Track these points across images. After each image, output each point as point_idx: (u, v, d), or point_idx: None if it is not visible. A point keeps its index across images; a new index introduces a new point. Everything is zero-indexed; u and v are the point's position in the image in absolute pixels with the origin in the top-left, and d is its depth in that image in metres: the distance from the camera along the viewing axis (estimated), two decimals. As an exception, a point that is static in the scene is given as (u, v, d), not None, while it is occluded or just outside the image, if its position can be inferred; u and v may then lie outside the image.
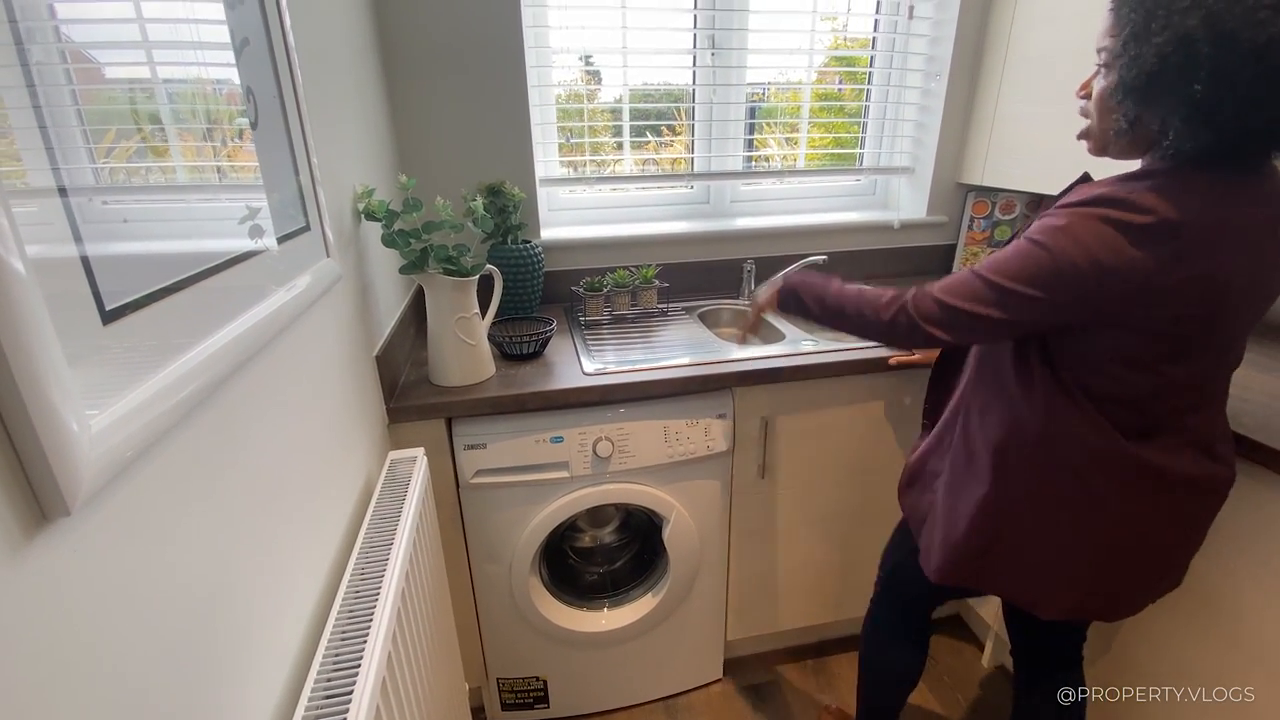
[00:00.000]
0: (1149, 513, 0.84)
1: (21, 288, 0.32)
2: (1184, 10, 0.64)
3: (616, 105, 1.71)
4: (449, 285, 1.13)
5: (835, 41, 1.86)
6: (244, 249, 0.60)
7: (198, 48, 0.56)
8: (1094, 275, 0.71)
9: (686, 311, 1.65)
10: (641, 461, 1.25)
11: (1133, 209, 0.69)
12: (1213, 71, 0.63)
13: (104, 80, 0.44)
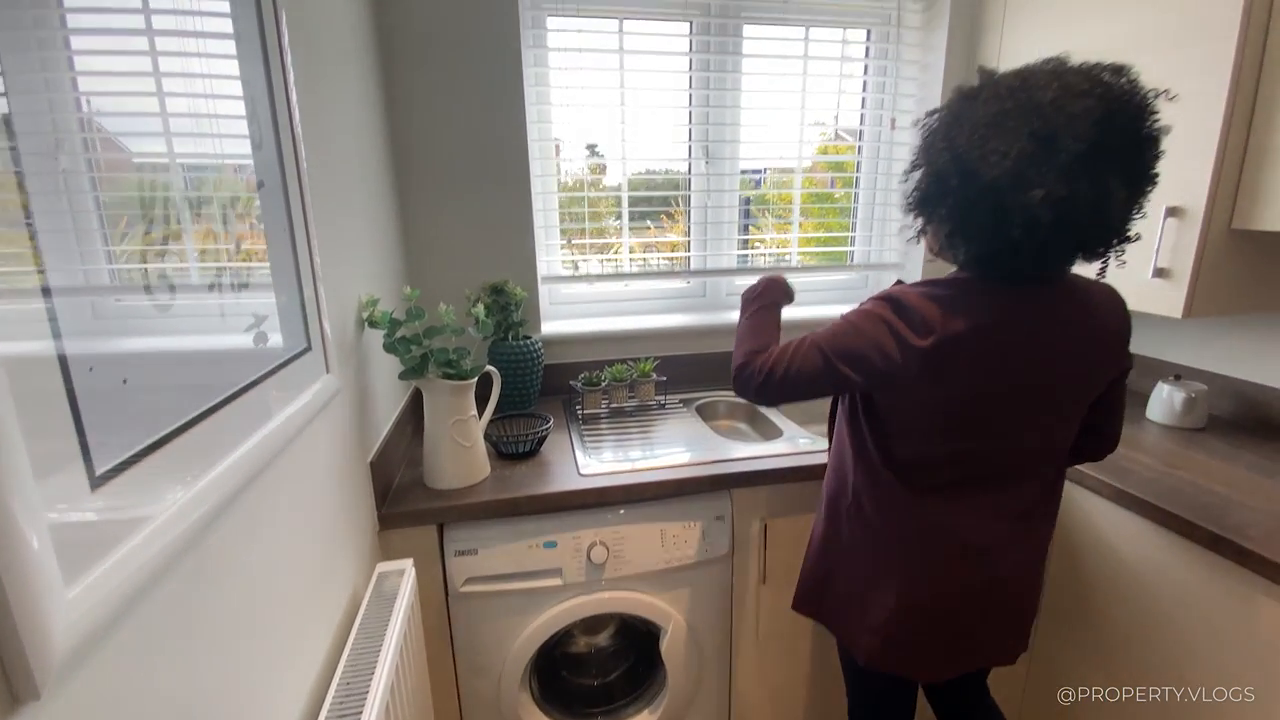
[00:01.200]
0: (946, 575, 0.91)
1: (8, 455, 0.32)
2: (940, 150, 0.80)
3: (616, 193, 1.78)
4: (447, 389, 1.14)
5: (823, 147, 1.97)
6: (244, 383, 0.60)
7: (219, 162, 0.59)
8: (874, 360, 0.85)
9: (684, 404, 1.66)
10: (637, 567, 1.22)
11: (908, 314, 0.83)
12: (959, 199, 0.79)
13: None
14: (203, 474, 0.52)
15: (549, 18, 1.60)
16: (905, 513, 0.92)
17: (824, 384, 0.92)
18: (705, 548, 1.25)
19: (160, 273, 0.50)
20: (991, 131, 0.75)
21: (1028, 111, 0.73)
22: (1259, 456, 1.28)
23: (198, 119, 0.57)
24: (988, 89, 0.79)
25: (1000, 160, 0.73)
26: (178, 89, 0.54)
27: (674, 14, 1.66)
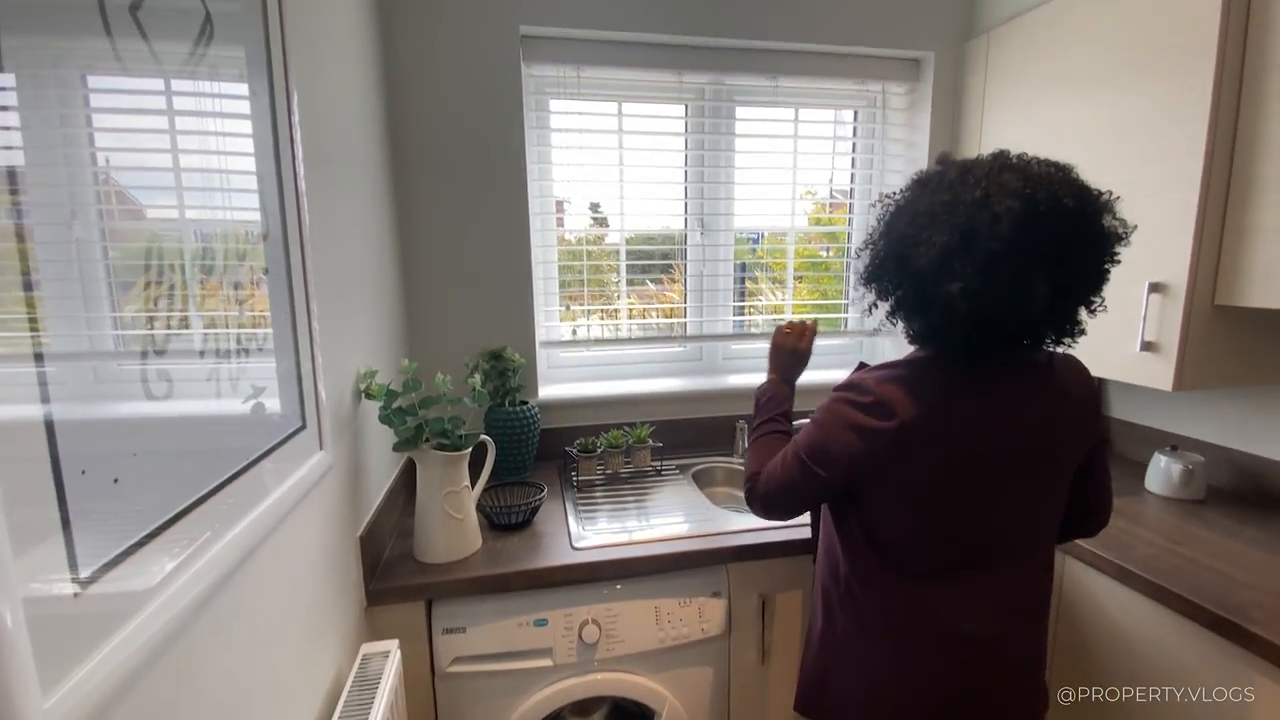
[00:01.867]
0: (943, 669, 0.87)
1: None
2: (882, 234, 0.86)
3: (614, 246, 1.82)
4: (440, 460, 1.14)
5: (814, 216, 2.03)
6: (235, 469, 0.61)
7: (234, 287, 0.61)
8: (840, 454, 0.86)
9: (680, 470, 1.65)
10: (631, 647, 1.18)
11: (867, 400, 0.83)
12: (894, 282, 0.84)
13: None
14: (188, 566, 0.52)
15: (551, 100, 1.69)
16: (898, 603, 0.89)
17: (808, 490, 0.93)
18: (701, 626, 1.21)
19: (165, 338, 0.51)
20: (927, 221, 0.79)
21: (958, 206, 0.76)
22: (1260, 531, 1.26)
23: (209, 192, 0.59)
24: (934, 179, 0.83)
25: (928, 250, 0.77)
26: (195, 163, 0.57)
27: (670, 97, 1.75)
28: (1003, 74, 1.63)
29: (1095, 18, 1.37)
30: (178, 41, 0.54)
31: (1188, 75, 1.19)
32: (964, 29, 1.77)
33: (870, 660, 0.92)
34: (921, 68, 1.81)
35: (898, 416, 0.81)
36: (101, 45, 0.45)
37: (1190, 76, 1.19)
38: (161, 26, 0.51)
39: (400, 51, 1.48)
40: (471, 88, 1.53)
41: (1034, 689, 0.94)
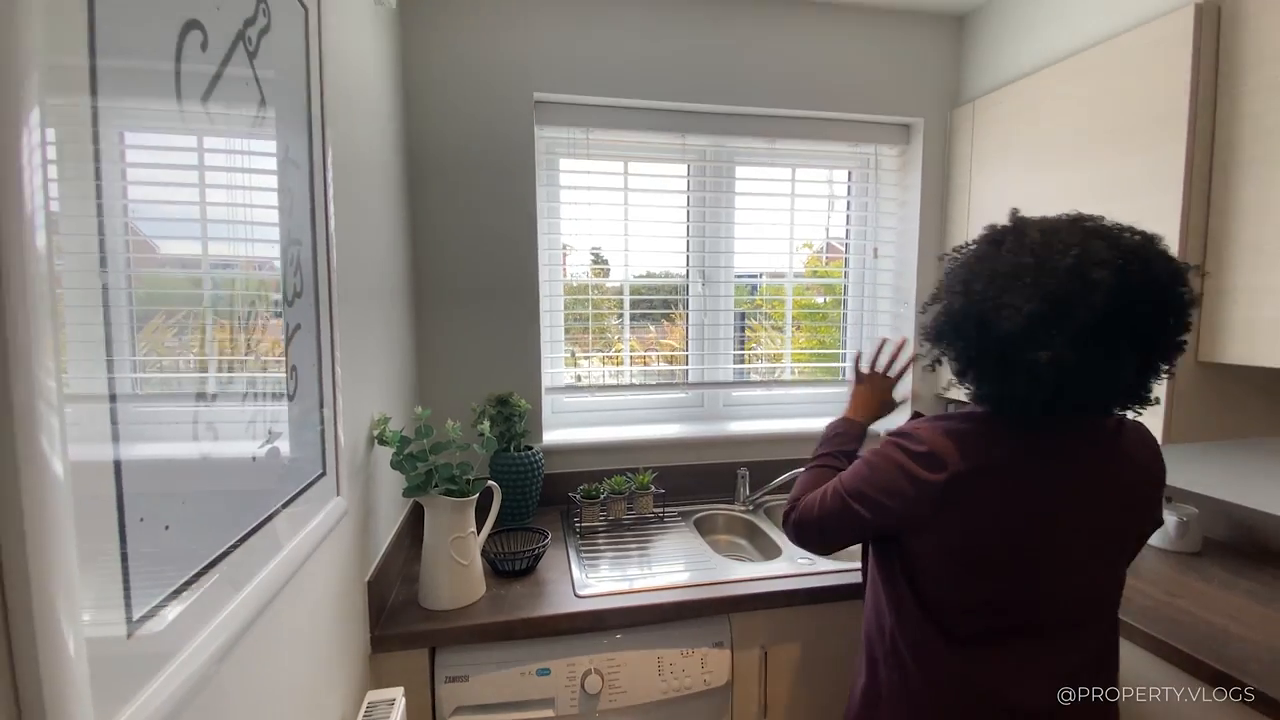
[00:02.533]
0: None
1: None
2: (957, 292, 0.82)
3: (619, 295, 1.87)
4: (449, 506, 1.16)
5: (810, 267, 2.10)
6: (264, 515, 0.64)
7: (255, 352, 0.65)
8: (885, 500, 0.85)
9: (682, 517, 1.66)
10: (633, 699, 1.17)
11: (919, 450, 0.83)
12: (970, 343, 0.81)
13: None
14: (221, 608, 0.54)
15: (561, 159, 1.78)
16: (944, 666, 0.84)
17: (847, 527, 0.92)
18: (704, 677, 1.21)
19: (215, 384, 0.55)
20: (1008, 283, 0.75)
21: (1046, 272, 0.73)
22: (1256, 584, 1.27)
23: (266, 244, 0.64)
24: (1011, 238, 0.80)
25: (1013, 315, 0.74)
26: (245, 217, 0.62)
27: (673, 157, 1.84)
28: (988, 139, 1.73)
29: (1073, 90, 1.47)
30: (241, 109, 0.60)
31: (1162, 145, 1.27)
32: (951, 97, 1.88)
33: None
34: (912, 132, 1.91)
35: (948, 470, 0.79)
36: (170, 107, 0.51)
37: (1165, 146, 1.27)
38: (228, 99, 0.57)
39: (420, 114, 1.57)
40: (488, 148, 1.61)
41: None
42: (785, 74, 1.77)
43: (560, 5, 1.62)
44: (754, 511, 1.72)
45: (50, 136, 0.36)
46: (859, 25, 1.80)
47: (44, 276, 0.35)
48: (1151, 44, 1.29)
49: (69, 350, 0.38)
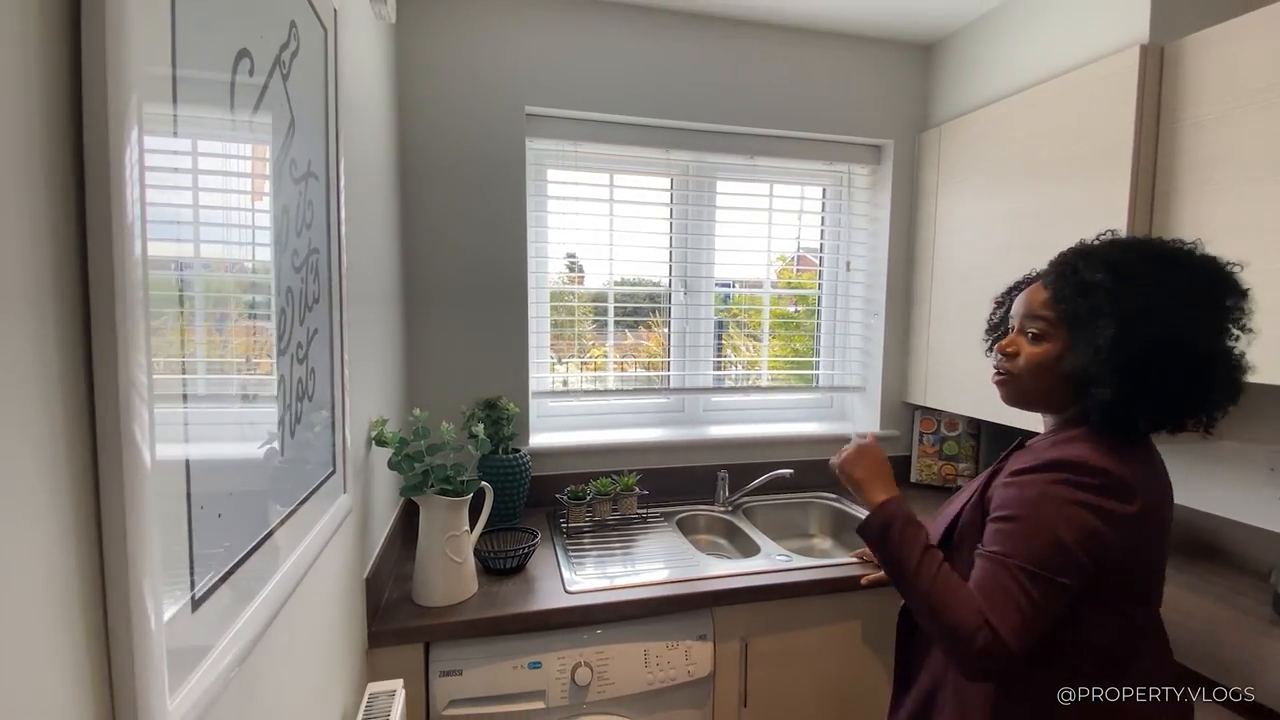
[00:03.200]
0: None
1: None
2: (1152, 318, 0.77)
3: (603, 304, 1.93)
4: (444, 505, 1.20)
5: (785, 275, 2.19)
6: (290, 509, 0.68)
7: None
8: (1089, 549, 0.76)
9: (665, 518, 1.72)
10: (621, 689, 1.23)
11: (1101, 480, 0.77)
12: (1180, 373, 0.77)
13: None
14: (258, 593, 0.58)
15: (550, 170, 1.83)
16: (1098, 708, 0.82)
17: (1055, 612, 0.78)
18: (688, 668, 1.27)
19: (257, 384, 0.59)
20: (1194, 302, 0.79)
21: (1218, 287, 0.80)
22: (1195, 577, 1.39)
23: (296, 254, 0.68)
24: (1160, 255, 0.83)
25: (1210, 335, 0.79)
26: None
27: (657, 171, 1.91)
28: (953, 162, 1.84)
29: (1029, 121, 1.58)
30: (279, 126, 0.65)
31: (1110, 173, 1.39)
32: (919, 121, 1.99)
33: None
34: (883, 153, 2.01)
35: (1139, 497, 0.77)
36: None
37: (1112, 174, 1.38)
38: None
39: (414, 124, 1.61)
40: (480, 159, 1.66)
41: None
42: (765, 95, 1.85)
43: (552, 25, 1.68)
44: (733, 512, 1.79)
45: (148, 144, 0.40)
46: (834, 51, 1.90)
47: (140, 282, 0.39)
48: (1101, 80, 1.41)
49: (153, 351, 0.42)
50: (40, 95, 0.35)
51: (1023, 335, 0.90)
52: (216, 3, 0.51)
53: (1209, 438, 0.90)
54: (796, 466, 1.83)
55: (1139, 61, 1.33)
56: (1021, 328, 0.91)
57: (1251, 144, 1.18)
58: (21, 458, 0.33)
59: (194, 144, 0.49)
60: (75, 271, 0.38)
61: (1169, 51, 1.33)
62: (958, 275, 1.83)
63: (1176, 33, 1.34)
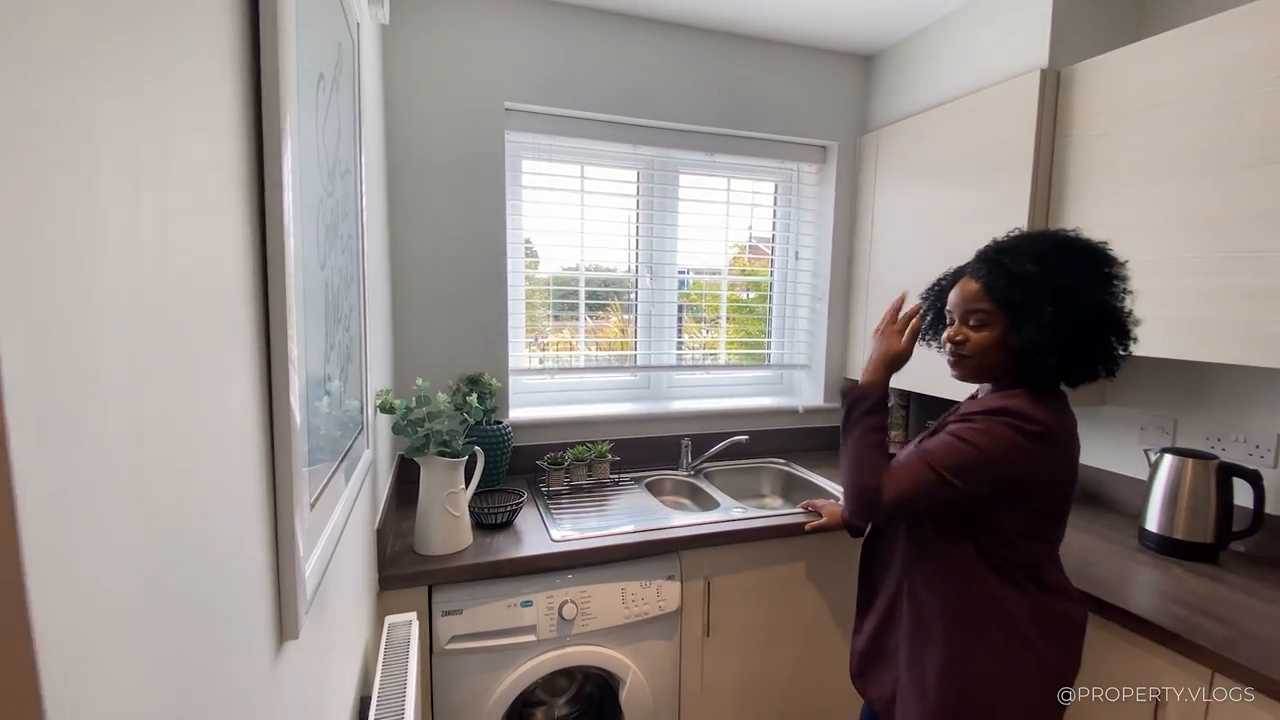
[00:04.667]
0: (1065, 653, 1.03)
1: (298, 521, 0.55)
2: (1078, 300, 0.96)
3: (574, 288, 2.09)
4: (443, 465, 1.34)
5: (740, 263, 2.39)
6: (349, 443, 0.82)
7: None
8: (1009, 474, 0.95)
9: (635, 481, 1.90)
10: (602, 623, 1.40)
11: (1025, 420, 0.96)
12: (1104, 342, 0.98)
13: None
14: (334, 509, 0.73)
15: (524, 161, 1.96)
16: (1035, 607, 1.00)
17: (936, 503, 0.98)
18: (659, 604, 1.46)
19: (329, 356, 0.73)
20: (1106, 282, 0.98)
21: (1116, 278, 0.99)
22: (1080, 519, 1.66)
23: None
24: (1068, 246, 1.00)
25: (1119, 311, 0.98)
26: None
27: (625, 164, 2.07)
28: (889, 163, 2.07)
29: (949, 129, 1.82)
30: (340, 129, 0.78)
31: (1014, 177, 1.63)
32: (860, 125, 2.22)
33: (1019, 664, 1.00)
34: (828, 153, 2.23)
35: (1062, 443, 0.98)
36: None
37: (1016, 178, 1.63)
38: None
39: (400, 117, 1.71)
40: (462, 150, 1.78)
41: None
42: (723, 97, 2.03)
43: (529, 27, 1.80)
44: (696, 476, 1.99)
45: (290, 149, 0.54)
46: (786, 59, 2.09)
47: (292, 273, 0.54)
48: (1010, 98, 1.65)
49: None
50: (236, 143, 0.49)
51: (965, 325, 1.06)
52: (312, 37, 0.65)
53: (1111, 381, 1.14)
54: (750, 435, 2.03)
55: (1039, 83, 1.57)
56: (963, 318, 1.06)
57: (1125, 157, 1.44)
58: (248, 412, 0.48)
59: (299, 159, 0.63)
60: (260, 278, 0.51)
61: (1064, 75, 1.58)
62: (890, 264, 2.07)
63: (1074, 58, 1.58)
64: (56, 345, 0.26)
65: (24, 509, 0.23)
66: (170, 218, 0.37)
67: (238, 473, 0.46)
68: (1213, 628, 1.13)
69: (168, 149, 0.36)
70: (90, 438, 0.28)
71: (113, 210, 0.30)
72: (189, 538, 0.38)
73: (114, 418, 0.30)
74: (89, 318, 0.28)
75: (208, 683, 0.40)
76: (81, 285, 0.28)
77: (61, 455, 0.26)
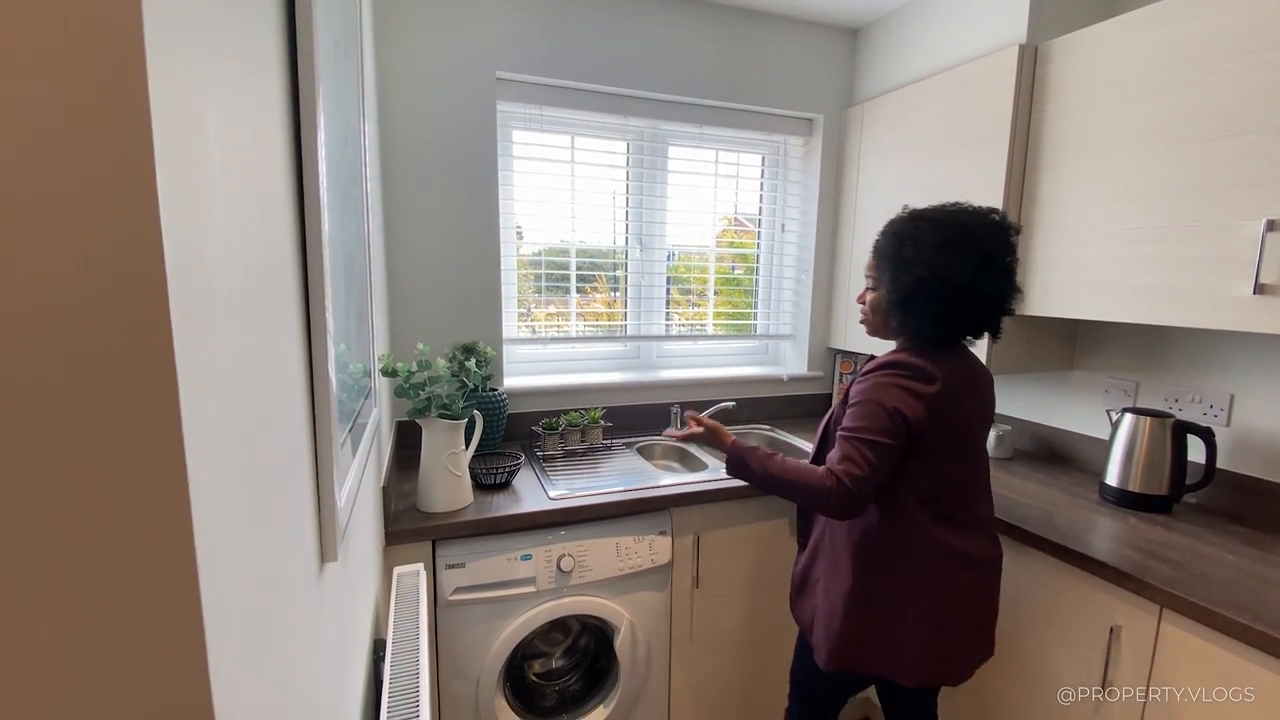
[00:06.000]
0: (963, 589, 1.15)
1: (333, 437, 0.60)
2: (913, 266, 1.12)
3: (565, 258, 2.13)
4: (445, 427, 1.39)
5: (729, 236, 2.44)
6: (362, 399, 0.87)
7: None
8: (906, 416, 1.09)
9: (627, 446, 1.97)
10: (597, 575, 1.48)
11: (915, 371, 1.11)
12: (941, 296, 1.10)
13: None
14: (355, 455, 0.78)
15: (515, 131, 1.98)
16: (933, 539, 1.12)
17: (886, 465, 1.08)
18: (651, 557, 1.54)
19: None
20: (948, 250, 1.09)
21: (969, 236, 1.10)
22: (1046, 475, 1.77)
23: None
24: (928, 221, 1.13)
25: (962, 269, 1.08)
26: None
27: (615, 135, 2.10)
28: (873, 136, 2.12)
29: (931, 103, 1.87)
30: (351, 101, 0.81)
31: (991, 150, 1.69)
32: (845, 98, 2.26)
33: (908, 601, 1.13)
34: (814, 126, 2.27)
35: (938, 381, 1.09)
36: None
37: (993, 151, 1.69)
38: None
39: (396, 88, 1.72)
40: (453, 120, 1.79)
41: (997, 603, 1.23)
42: (711, 68, 2.06)
43: (520, -6, 1.81)
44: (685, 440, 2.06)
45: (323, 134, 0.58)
46: (773, 30, 2.12)
47: (327, 251, 0.58)
48: (989, 72, 1.70)
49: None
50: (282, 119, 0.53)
51: (866, 288, 1.27)
52: (330, 5, 0.68)
53: (997, 341, 1.28)
54: (737, 403, 2.10)
55: (1017, 58, 1.62)
56: (867, 283, 1.27)
57: (1094, 131, 1.50)
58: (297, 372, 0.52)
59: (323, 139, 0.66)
60: (300, 255, 0.56)
61: (1041, 51, 1.63)
62: (874, 236, 2.12)
63: (1052, 34, 1.63)
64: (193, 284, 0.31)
65: (185, 399, 0.28)
66: (243, 186, 0.41)
67: (292, 403, 0.51)
68: (1162, 569, 1.23)
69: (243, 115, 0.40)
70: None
71: (205, 160, 0.35)
72: (267, 449, 0.43)
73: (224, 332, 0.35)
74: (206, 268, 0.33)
75: (281, 572, 0.46)
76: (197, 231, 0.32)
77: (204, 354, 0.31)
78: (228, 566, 0.35)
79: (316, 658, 0.57)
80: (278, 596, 0.45)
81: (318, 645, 0.57)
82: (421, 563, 1.26)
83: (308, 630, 0.53)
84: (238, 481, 0.37)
